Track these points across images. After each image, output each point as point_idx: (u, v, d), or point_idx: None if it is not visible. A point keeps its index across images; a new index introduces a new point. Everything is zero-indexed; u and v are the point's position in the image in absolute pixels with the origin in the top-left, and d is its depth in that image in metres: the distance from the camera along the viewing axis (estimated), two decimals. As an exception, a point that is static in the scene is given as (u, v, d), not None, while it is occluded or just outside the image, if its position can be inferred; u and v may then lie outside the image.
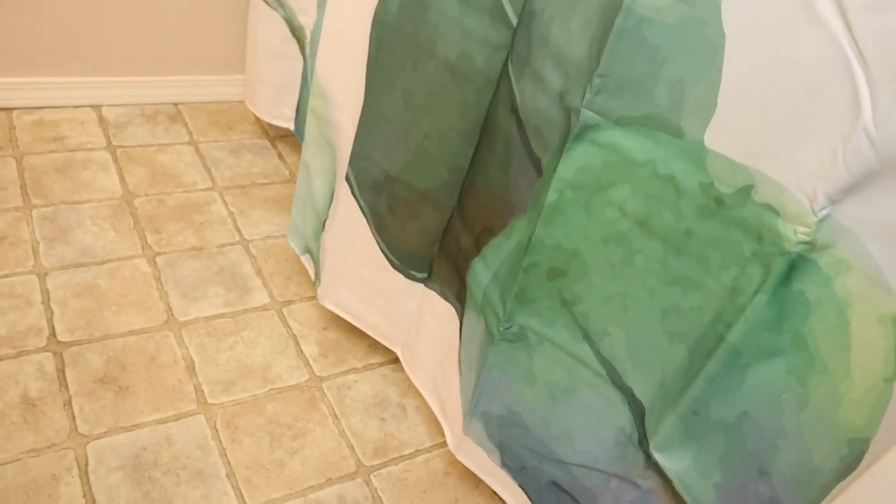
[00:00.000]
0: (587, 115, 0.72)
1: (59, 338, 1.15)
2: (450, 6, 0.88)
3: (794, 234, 0.64)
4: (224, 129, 1.68)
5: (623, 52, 0.68)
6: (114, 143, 1.56)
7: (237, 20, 1.67)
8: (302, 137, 1.47)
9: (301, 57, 1.46)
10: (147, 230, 1.38)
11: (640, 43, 0.68)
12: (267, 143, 1.68)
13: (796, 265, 0.65)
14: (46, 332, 1.15)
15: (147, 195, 1.45)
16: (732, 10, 0.63)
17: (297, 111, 1.52)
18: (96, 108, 1.64)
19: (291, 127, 1.56)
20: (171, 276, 1.30)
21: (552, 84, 0.77)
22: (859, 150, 0.59)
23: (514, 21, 0.84)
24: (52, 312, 1.19)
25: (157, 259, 1.33)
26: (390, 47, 0.96)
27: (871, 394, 0.65)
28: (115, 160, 1.51)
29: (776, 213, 0.65)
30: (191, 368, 1.16)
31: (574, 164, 0.75)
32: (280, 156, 1.65)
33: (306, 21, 1.42)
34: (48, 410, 1.05)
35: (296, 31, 1.45)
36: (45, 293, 1.21)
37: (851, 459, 0.67)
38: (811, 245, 0.64)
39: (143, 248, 1.34)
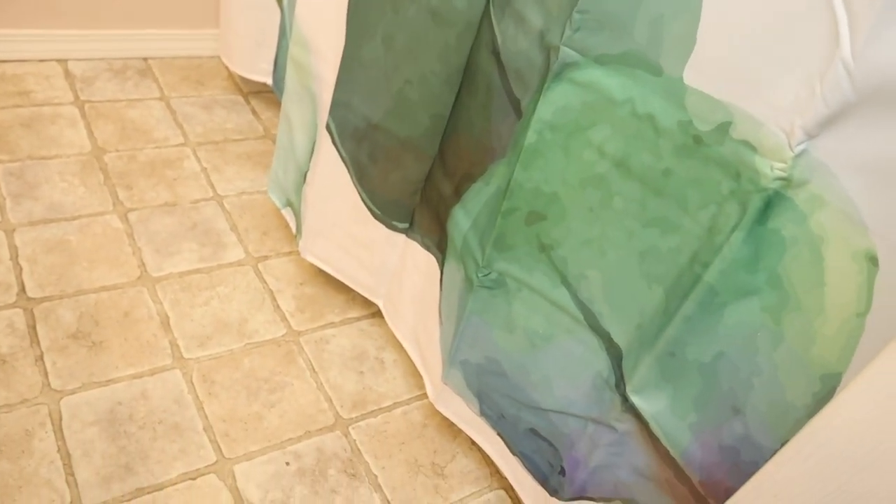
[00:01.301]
0: (566, 52, 0.71)
1: (29, 294, 1.13)
2: (428, -52, 0.87)
3: (771, 170, 0.64)
4: (196, 85, 1.64)
5: (603, -13, 0.67)
6: (81, 97, 1.52)
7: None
8: (280, 92, 1.44)
9: (279, 9, 1.43)
10: (118, 186, 1.35)
11: (621, -22, 0.67)
12: (240, 98, 1.65)
13: (772, 202, 0.65)
14: (16, 289, 1.13)
15: (117, 151, 1.42)
16: (713, -56, 0.63)
17: (276, 65, 1.49)
18: (62, 62, 1.59)
19: (269, 81, 1.53)
20: (144, 231, 1.28)
21: (533, 23, 0.76)
22: (837, 83, 0.58)
23: (494, -39, 0.82)
24: (20, 269, 1.16)
25: (129, 215, 1.30)
26: (368, -9, 0.94)
27: (843, 329, 0.65)
28: (84, 115, 1.48)
29: (753, 149, 0.65)
30: (165, 324, 1.15)
31: (553, 104, 0.75)
32: (254, 111, 1.62)
33: (282, -28, 1.39)
34: (19, 366, 1.04)
35: (270, -19, 1.41)
36: (13, 249, 1.19)
37: (823, 395, 0.68)
38: (787, 181, 0.64)
39: (114, 204, 1.31)
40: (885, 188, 0.61)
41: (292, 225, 1.23)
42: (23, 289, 1.14)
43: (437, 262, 1.00)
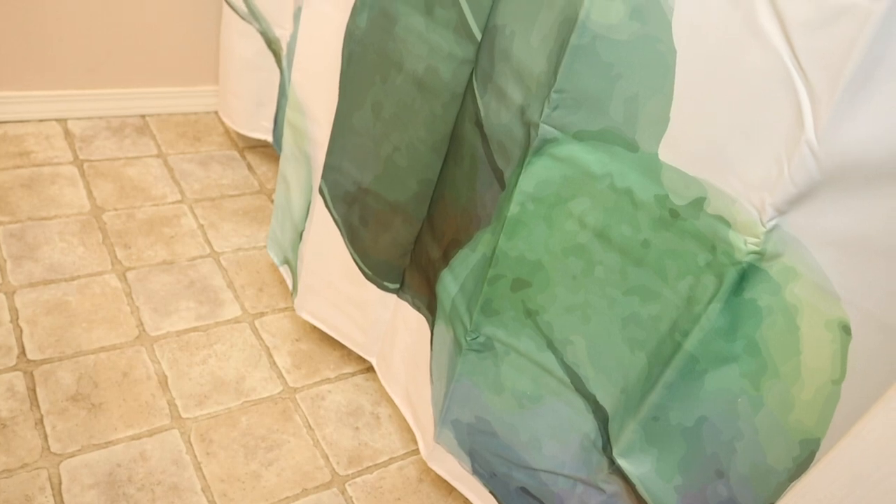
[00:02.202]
0: (546, 129, 0.74)
1: (29, 356, 1.15)
2: (416, 21, 0.90)
3: (745, 244, 0.66)
4: (192, 141, 1.68)
5: (578, 68, 0.70)
6: (80, 157, 1.55)
7: (203, 30, 1.67)
8: (280, 149, 1.47)
9: (278, 69, 1.47)
10: (116, 245, 1.37)
11: (595, 59, 0.70)
12: (236, 154, 1.68)
13: (747, 274, 0.68)
14: (16, 351, 1.15)
15: (116, 209, 1.45)
16: (682, 27, 0.66)
17: (276, 123, 1.52)
18: (62, 121, 1.63)
19: (270, 139, 1.57)
20: (142, 290, 1.30)
21: (514, 99, 0.79)
22: (803, 163, 0.61)
23: (479, 36, 0.85)
24: (21, 331, 1.18)
25: (128, 274, 1.32)
26: (360, 61, 0.97)
27: (820, 396, 0.67)
28: (83, 174, 1.51)
29: (727, 224, 0.67)
30: (164, 383, 1.17)
31: (534, 177, 0.77)
32: (249, 167, 1.65)
33: (282, 34, 1.43)
34: (19, 430, 1.05)
35: (272, 43, 1.45)
36: (14, 311, 1.21)
37: (803, 459, 0.69)
38: (761, 255, 0.66)
39: (112, 264, 1.34)
40: (854, 261, 0.63)
41: (289, 282, 1.26)
42: (23, 351, 1.15)
43: (428, 322, 1.02)
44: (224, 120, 1.62)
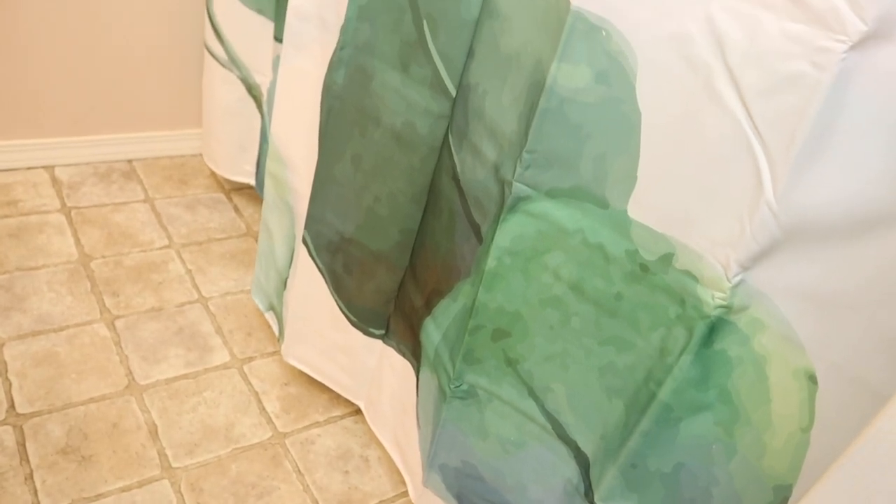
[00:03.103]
0: (519, 187, 0.77)
1: (19, 410, 1.16)
2: (392, 78, 0.93)
3: (712, 298, 0.69)
4: (179, 185, 1.70)
5: (548, 130, 0.73)
6: (68, 204, 1.57)
7: (187, 74, 1.69)
8: (262, 192, 1.49)
9: (259, 114, 1.49)
10: (105, 293, 1.39)
11: (564, 121, 0.72)
12: (222, 196, 1.70)
13: (716, 327, 0.70)
14: (5, 405, 1.16)
15: (104, 257, 1.46)
16: (646, 90, 0.68)
17: (258, 166, 1.54)
18: (49, 168, 1.65)
19: (252, 182, 1.59)
20: (131, 339, 1.31)
21: (488, 156, 0.81)
22: (764, 223, 0.64)
23: (453, 92, 0.88)
24: (10, 384, 1.19)
25: (116, 322, 1.34)
26: (339, 115, 1.00)
27: (790, 443, 0.69)
28: (70, 222, 1.52)
29: (695, 279, 0.70)
30: (153, 433, 1.18)
31: (510, 233, 0.79)
32: (236, 209, 1.67)
33: (262, 80, 1.46)
34: (9, 486, 1.06)
35: (252, 89, 1.48)
36: (3, 364, 1.22)
37: (777, 504, 0.71)
38: (728, 308, 0.69)
39: (101, 312, 1.35)
40: (816, 313, 0.66)
41: (275, 328, 1.27)
42: (12, 405, 1.16)
43: (413, 368, 1.04)
44: (208, 164, 1.64)
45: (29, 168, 1.63)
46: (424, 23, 0.87)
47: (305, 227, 1.09)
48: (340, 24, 0.95)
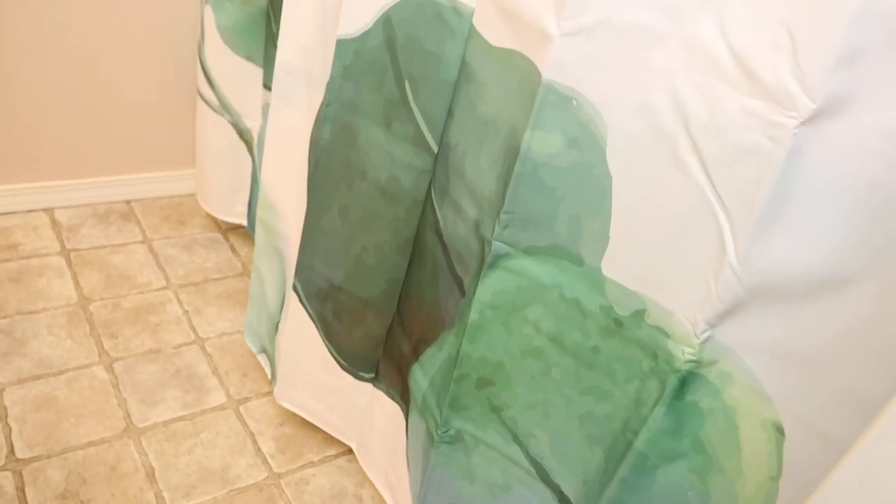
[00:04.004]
0: (498, 245, 0.80)
1: (18, 455, 1.18)
2: (377, 134, 0.96)
3: (682, 353, 0.72)
4: (176, 225, 1.73)
5: (524, 192, 0.76)
6: (67, 246, 1.60)
7: (183, 116, 1.73)
8: (254, 231, 1.53)
9: (250, 157, 1.53)
10: (103, 335, 1.42)
11: (539, 184, 0.76)
12: (219, 236, 1.73)
13: (687, 380, 0.73)
14: (5, 451, 1.18)
15: (102, 299, 1.49)
16: (616, 155, 0.72)
17: (249, 207, 1.58)
18: (49, 211, 1.68)
19: (244, 223, 1.62)
20: (129, 381, 1.34)
21: (469, 213, 0.85)
22: (727, 284, 0.67)
23: (435, 149, 0.92)
24: (10, 429, 1.22)
25: (115, 365, 1.37)
26: (326, 168, 1.03)
27: (760, 491, 0.72)
28: (70, 265, 1.55)
29: (666, 334, 0.73)
30: (151, 476, 1.20)
31: (490, 288, 0.83)
32: (232, 248, 1.71)
33: (253, 124, 1.50)
34: (10, 532, 1.08)
35: (243, 133, 1.52)
36: (3, 409, 1.24)
37: (751, 551, 0.74)
38: (698, 363, 0.72)
39: (100, 355, 1.38)
40: (782, 367, 0.69)
41: (267, 371, 1.30)
42: (12, 450, 1.19)
43: (402, 411, 1.07)
44: (202, 205, 1.68)
45: (29, 211, 1.67)
46: (406, 82, 0.91)
47: (296, 275, 1.12)
48: (327, 79, 0.98)
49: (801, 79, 0.58)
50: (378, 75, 0.93)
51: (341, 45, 0.94)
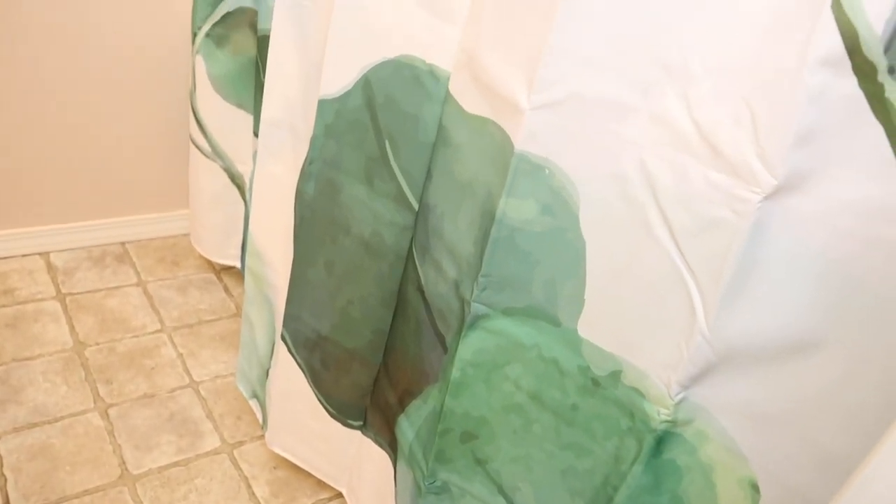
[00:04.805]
0: (477, 306, 0.82)
1: (15, 506, 1.20)
2: (359, 191, 0.98)
3: (658, 414, 0.73)
4: (171, 266, 1.75)
5: (500, 256, 0.78)
6: (63, 290, 1.62)
7: (175, 158, 1.76)
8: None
9: (242, 201, 1.55)
10: (98, 381, 1.43)
11: (515, 248, 0.77)
12: (213, 276, 1.75)
13: (664, 438, 0.74)
14: (0, 502, 1.20)
15: (97, 344, 1.51)
16: (589, 221, 0.73)
17: (243, 250, 1.60)
18: (44, 255, 1.70)
19: (238, 265, 1.64)
20: (124, 427, 1.36)
21: (449, 273, 0.86)
22: (698, 348, 0.68)
23: (416, 206, 0.93)
24: (5, 479, 1.23)
25: (110, 411, 1.38)
26: (311, 223, 1.05)
27: (739, 548, 0.73)
28: (65, 309, 1.57)
29: (642, 395, 0.74)
30: (145, 524, 1.21)
31: (471, 347, 0.84)
32: (226, 289, 1.72)
33: (244, 169, 1.52)
34: (6, 586, 1.09)
35: (235, 178, 1.54)
36: None
37: None
38: (673, 422, 0.73)
39: (95, 401, 1.39)
40: (755, 427, 0.70)
41: (259, 416, 1.31)
42: (7, 501, 1.20)
43: (391, 458, 1.08)
44: (196, 247, 1.70)
45: (25, 255, 1.69)
46: (386, 142, 0.93)
47: (284, 325, 1.14)
48: (311, 133, 1.00)
49: (763, 155, 0.60)
50: (359, 134, 0.95)
51: (323, 104, 0.96)
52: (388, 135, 0.92)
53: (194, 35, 1.42)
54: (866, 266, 0.61)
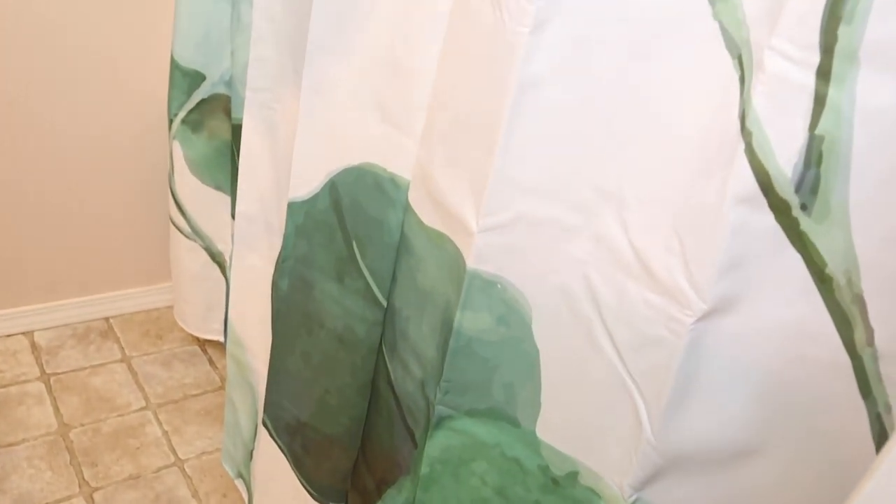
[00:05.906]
0: (441, 409, 0.85)
1: None
2: (330, 287, 1.02)
3: (614, 513, 0.77)
4: (155, 340, 1.78)
5: (460, 363, 0.82)
6: (47, 370, 1.64)
7: (156, 231, 1.79)
8: (229, 347, 1.58)
9: (224, 278, 1.59)
10: (84, 464, 1.45)
11: (473, 355, 0.81)
12: (197, 349, 1.78)
13: (623, 536, 0.78)
14: None
15: (82, 425, 1.53)
16: (541, 331, 0.77)
17: (226, 324, 1.63)
18: (28, 334, 1.73)
19: (222, 339, 1.67)
20: (110, 511, 1.38)
21: (415, 373, 0.90)
22: (646, 456, 0.72)
23: (384, 303, 0.97)
24: (-6, 572, 1.25)
25: (95, 495, 1.40)
26: (286, 316, 1.08)
27: None
28: (50, 390, 1.60)
29: (598, 496, 0.78)
30: None
31: (438, 445, 0.88)
32: (210, 361, 1.75)
33: (224, 248, 1.56)
34: None
35: (216, 256, 1.58)
36: (-13, 551, 1.28)
37: None
38: (629, 522, 0.76)
39: (80, 486, 1.41)
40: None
41: (244, 496, 1.34)
42: None
43: (372, 543, 1.11)
44: (179, 322, 1.73)
45: (8, 335, 1.71)
46: (353, 242, 0.97)
47: (265, 411, 1.17)
48: (283, 228, 1.04)
49: (693, 281, 0.64)
50: (328, 234, 0.99)
51: (293, 206, 1.00)
52: (355, 236, 0.97)
53: (170, 122, 1.47)
54: (794, 381, 0.65)
